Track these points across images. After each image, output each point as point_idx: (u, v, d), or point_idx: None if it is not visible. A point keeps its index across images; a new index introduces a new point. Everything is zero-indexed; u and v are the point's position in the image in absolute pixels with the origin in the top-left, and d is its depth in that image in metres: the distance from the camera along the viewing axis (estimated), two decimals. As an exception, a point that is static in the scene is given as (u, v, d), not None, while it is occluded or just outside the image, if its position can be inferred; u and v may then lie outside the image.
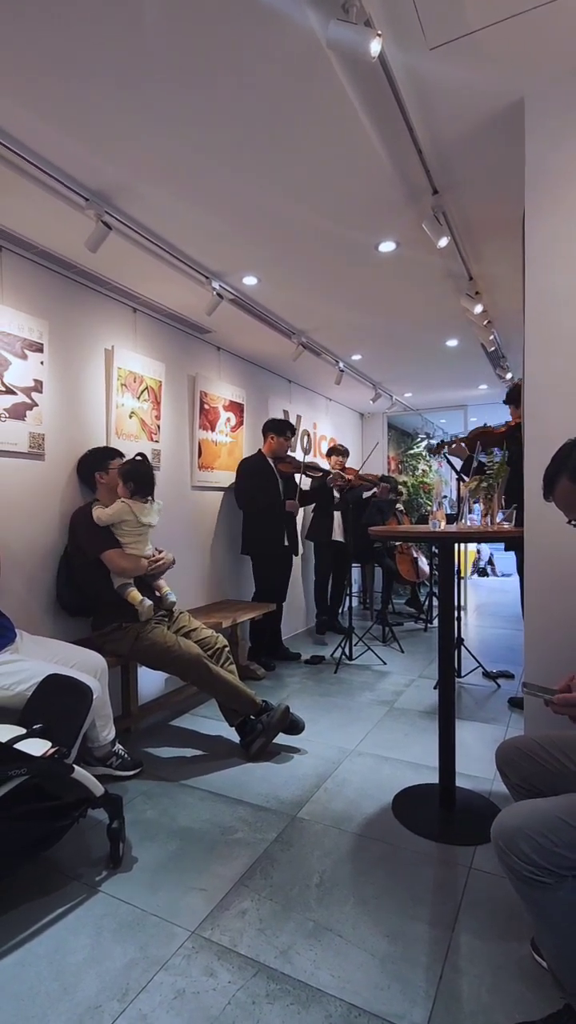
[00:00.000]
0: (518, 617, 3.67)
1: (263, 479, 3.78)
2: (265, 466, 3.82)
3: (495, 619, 5.52)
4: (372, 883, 1.64)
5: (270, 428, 3.87)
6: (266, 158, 1.89)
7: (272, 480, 3.81)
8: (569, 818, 1.03)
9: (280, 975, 1.32)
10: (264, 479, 3.78)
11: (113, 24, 1.37)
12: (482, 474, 2.06)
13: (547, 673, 1.64)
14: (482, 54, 1.49)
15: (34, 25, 1.37)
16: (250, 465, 3.82)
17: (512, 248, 2.46)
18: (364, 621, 5.18)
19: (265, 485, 3.78)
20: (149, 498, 2.56)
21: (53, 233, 2.32)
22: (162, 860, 1.75)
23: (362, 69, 1.50)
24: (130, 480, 2.50)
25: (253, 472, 3.78)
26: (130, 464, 2.55)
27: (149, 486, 2.54)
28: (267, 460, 3.84)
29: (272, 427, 3.86)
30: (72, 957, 1.38)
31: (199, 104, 1.64)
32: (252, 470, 3.79)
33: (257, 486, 3.76)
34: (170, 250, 2.50)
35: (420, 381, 5.24)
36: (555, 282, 1.64)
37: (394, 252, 2.55)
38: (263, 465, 3.82)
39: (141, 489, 2.52)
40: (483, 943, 1.41)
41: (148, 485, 2.54)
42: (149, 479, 2.54)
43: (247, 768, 2.35)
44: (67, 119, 1.69)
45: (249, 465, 3.82)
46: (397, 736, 2.66)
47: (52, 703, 1.77)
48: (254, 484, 3.76)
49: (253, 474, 3.78)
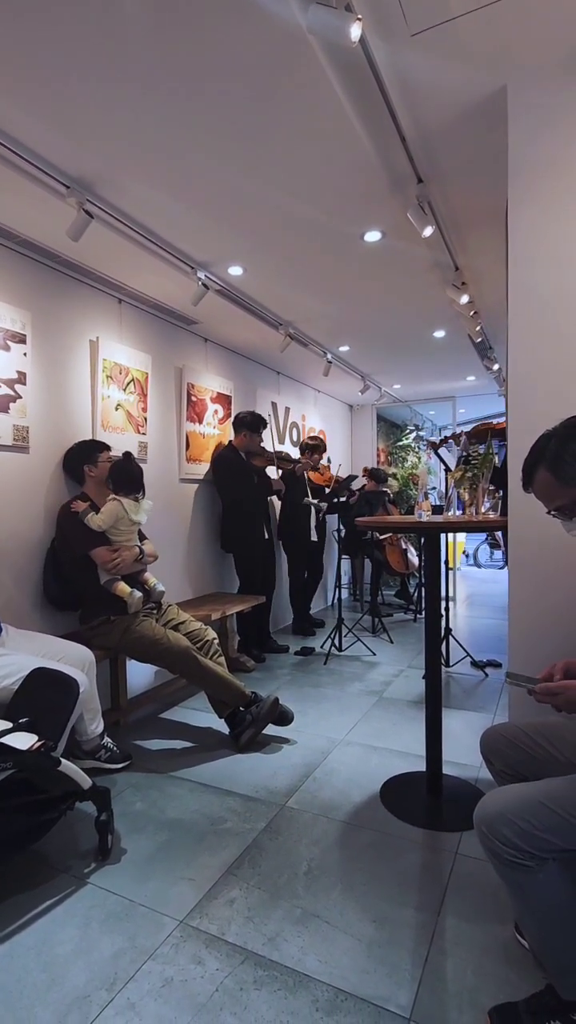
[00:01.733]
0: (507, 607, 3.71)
1: (237, 473, 3.69)
2: (238, 459, 3.72)
3: (484, 609, 5.57)
4: (359, 870, 1.66)
5: (245, 425, 3.72)
6: (249, 146, 1.87)
7: (247, 475, 3.73)
8: (550, 802, 1.04)
9: (268, 962, 1.33)
10: (238, 473, 3.69)
11: (92, 11, 1.34)
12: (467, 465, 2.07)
13: (531, 661, 1.65)
14: (464, 41, 1.47)
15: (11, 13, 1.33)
16: (223, 460, 3.71)
17: (497, 238, 2.46)
18: (354, 613, 5.21)
19: (240, 481, 3.69)
20: (139, 496, 2.56)
21: (34, 222, 2.28)
22: (151, 851, 1.75)
23: (345, 56, 1.48)
24: (115, 479, 2.51)
25: (227, 467, 3.69)
26: (115, 463, 2.55)
27: (136, 483, 2.54)
28: (239, 454, 3.75)
29: (247, 424, 3.72)
30: (60, 948, 1.38)
31: (180, 92, 1.61)
32: (226, 465, 3.69)
33: (231, 480, 3.67)
34: (154, 239, 2.47)
35: (408, 372, 5.24)
36: (537, 272, 1.64)
37: (380, 242, 2.54)
38: (235, 459, 3.71)
39: (127, 487, 2.51)
40: (468, 926, 1.44)
41: (134, 482, 2.53)
42: (135, 476, 2.54)
43: (236, 759, 2.36)
44: (46, 105, 1.66)
45: (223, 460, 3.71)
46: (386, 725, 2.68)
47: (38, 697, 1.76)
48: (228, 478, 3.67)
49: (227, 469, 3.68)
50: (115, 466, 2.54)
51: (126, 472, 2.52)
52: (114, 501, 2.49)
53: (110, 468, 2.54)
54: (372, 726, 2.68)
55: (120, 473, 2.51)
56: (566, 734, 1.30)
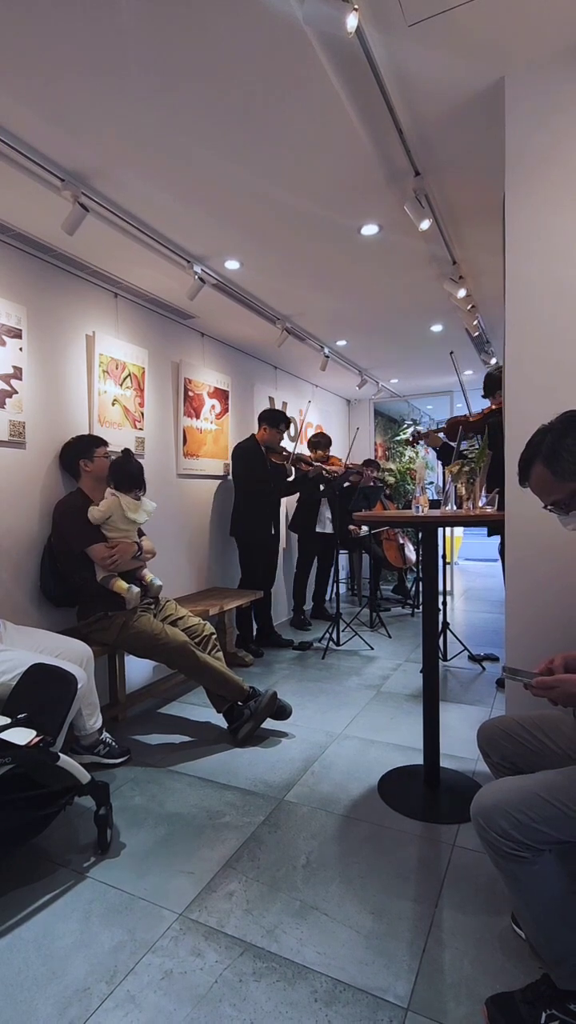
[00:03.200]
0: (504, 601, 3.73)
1: (254, 465, 3.76)
2: (257, 452, 3.79)
3: (482, 603, 5.58)
4: (358, 862, 1.67)
5: (265, 418, 3.82)
6: (245, 139, 1.85)
7: (263, 466, 3.79)
8: (546, 794, 1.05)
9: (267, 953, 1.34)
10: (255, 464, 3.77)
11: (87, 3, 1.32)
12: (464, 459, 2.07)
13: (528, 656, 1.66)
14: (462, 32, 1.46)
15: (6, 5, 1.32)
16: (243, 449, 3.80)
17: (494, 232, 2.45)
18: (352, 607, 5.22)
19: (255, 470, 3.76)
20: (140, 495, 2.55)
21: (28, 215, 2.26)
22: (150, 845, 1.76)
23: (341, 47, 1.47)
24: (114, 476, 2.51)
25: (245, 456, 3.77)
26: (114, 460, 2.55)
27: (134, 480, 2.53)
28: (260, 447, 3.82)
29: (267, 418, 3.82)
30: (60, 942, 1.39)
31: (175, 84, 1.60)
32: (244, 454, 3.78)
33: (248, 470, 3.75)
34: (150, 233, 2.46)
35: (406, 367, 5.23)
36: (535, 265, 1.64)
37: (377, 235, 2.53)
38: (255, 451, 3.79)
39: (126, 483, 2.51)
40: (465, 917, 1.45)
41: (133, 479, 2.52)
42: (133, 474, 2.53)
43: (235, 753, 2.37)
44: (40, 98, 1.64)
45: (242, 449, 3.80)
46: (383, 719, 2.70)
47: (37, 692, 1.76)
48: (246, 467, 3.75)
49: (245, 458, 3.76)
50: (114, 463, 2.53)
51: (124, 470, 2.52)
52: (113, 496, 2.49)
53: (110, 465, 2.53)
54: (370, 720, 2.69)
55: (118, 470, 2.51)
56: (562, 727, 1.31)
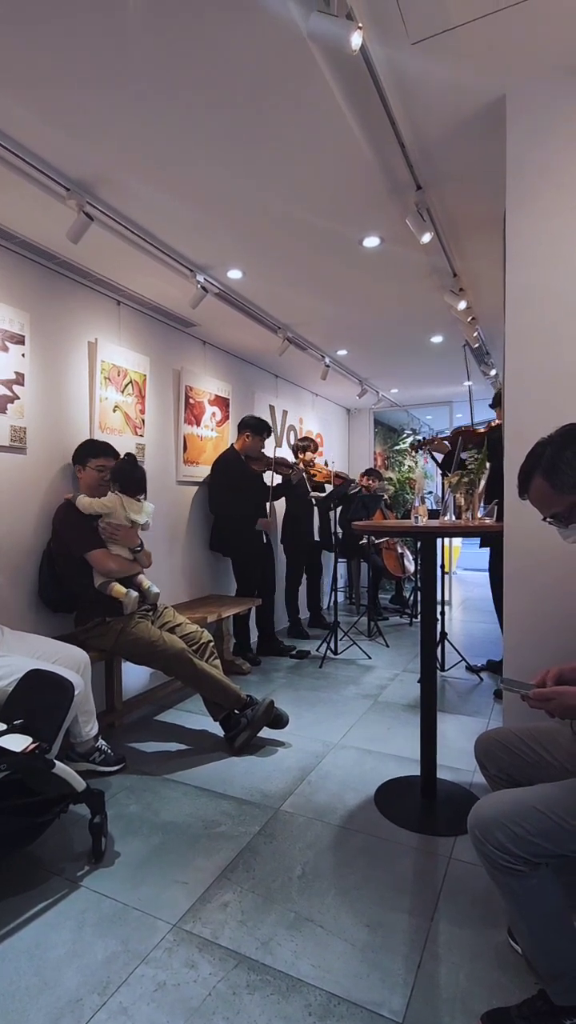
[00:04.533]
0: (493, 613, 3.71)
1: (240, 479, 3.70)
2: (238, 462, 3.73)
3: (480, 613, 5.57)
4: (353, 874, 1.65)
5: (250, 425, 3.74)
6: (249, 151, 1.88)
7: (249, 479, 3.75)
8: (543, 807, 1.05)
9: (261, 966, 1.33)
10: (241, 479, 3.71)
11: (94, 12, 1.34)
12: (464, 470, 2.08)
13: (526, 667, 1.66)
14: (464, 50, 1.49)
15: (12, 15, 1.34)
16: (226, 463, 3.72)
17: (494, 244, 2.47)
18: (350, 616, 5.21)
19: (241, 485, 3.70)
20: (141, 497, 2.58)
21: (33, 223, 2.29)
22: (145, 854, 1.75)
23: (345, 62, 1.49)
24: (115, 480, 2.55)
25: (229, 471, 3.69)
26: (118, 463, 2.58)
27: (134, 484, 2.56)
28: (240, 456, 3.76)
29: (252, 425, 3.74)
30: (53, 952, 1.37)
31: (181, 96, 1.62)
32: (226, 466, 3.71)
33: (233, 486, 3.67)
34: (153, 242, 2.48)
35: (406, 377, 5.26)
36: (535, 278, 1.65)
37: (378, 247, 2.55)
38: (236, 461, 3.73)
39: (130, 488, 2.55)
40: (461, 931, 1.44)
41: (133, 483, 2.55)
42: (132, 477, 2.56)
43: (231, 762, 2.36)
44: (48, 108, 1.66)
45: (225, 463, 3.72)
46: (381, 729, 2.69)
47: (33, 699, 1.76)
48: (231, 484, 3.67)
49: (229, 473, 3.69)
50: (120, 468, 2.57)
51: (130, 475, 2.56)
52: (115, 495, 2.52)
53: (115, 468, 2.56)
54: (367, 730, 2.68)
55: (124, 475, 2.55)
56: (560, 739, 1.31)
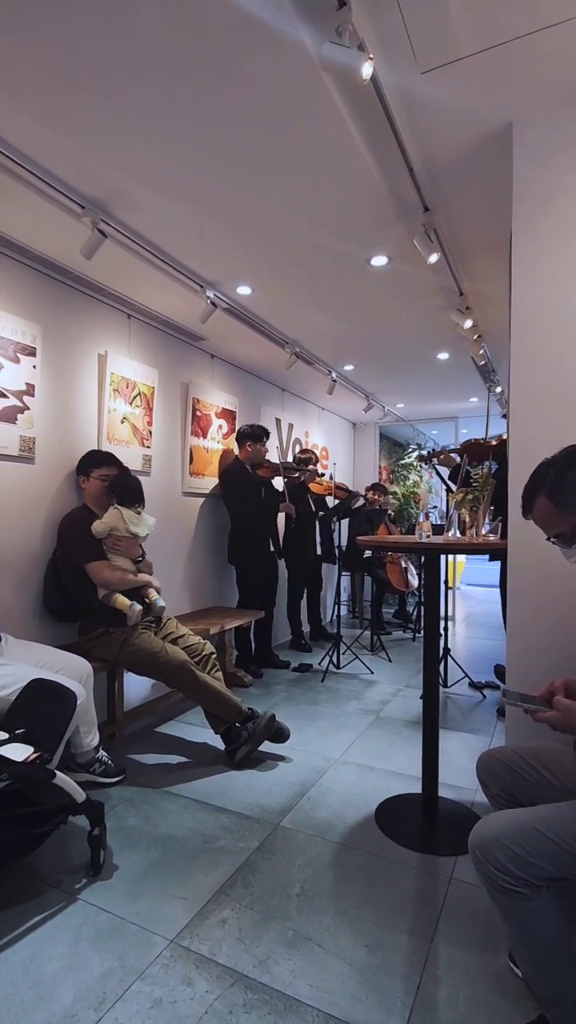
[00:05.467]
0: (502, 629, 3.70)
1: (246, 487, 3.77)
2: (244, 472, 3.79)
3: (483, 629, 5.54)
4: (353, 893, 1.64)
5: (248, 435, 3.81)
6: (261, 171, 1.92)
7: (254, 487, 3.80)
8: (545, 829, 1.04)
9: (258, 985, 1.32)
10: (247, 487, 3.77)
11: (113, 36, 1.39)
12: (469, 486, 2.09)
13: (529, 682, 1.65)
14: (472, 79, 1.52)
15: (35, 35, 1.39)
16: (230, 474, 3.79)
17: (500, 265, 2.50)
18: (352, 630, 5.19)
19: (248, 493, 3.76)
20: (140, 509, 2.60)
21: (49, 239, 2.34)
22: (143, 868, 1.74)
23: (356, 90, 1.53)
24: (112, 493, 2.59)
25: (235, 481, 3.77)
26: (113, 477, 2.62)
27: (130, 494, 2.59)
28: (245, 467, 3.82)
29: (249, 435, 3.81)
30: (49, 965, 1.37)
31: (196, 116, 1.67)
32: (232, 478, 3.78)
33: (240, 494, 3.75)
34: (165, 258, 2.52)
35: (412, 393, 5.29)
36: (540, 298, 1.68)
37: (386, 266, 2.59)
38: (243, 473, 3.79)
39: (126, 499, 2.58)
40: (461, 953, 1.42)
41: (128, 494, 2.59)
42: (127, 488, 2.60)
43: (231, 776, 2.35)
44: (65, 128, 1.71)
45: (229, 474, 3.79)
46: (382, 745, 2.67)
47: (36, 708, 1.76)
48: (237, 492, 3.75)
49: (236, 483, 3.77)
50: (114, 480, 2.61)
51: (125, 484, 2.60)
52: (114, 510, 2.54)
53: (110, 482, 2.59)
54: (368, 745, 2.67)
55: (119, 486, 2.60)
56: (562, 759, 1.30)
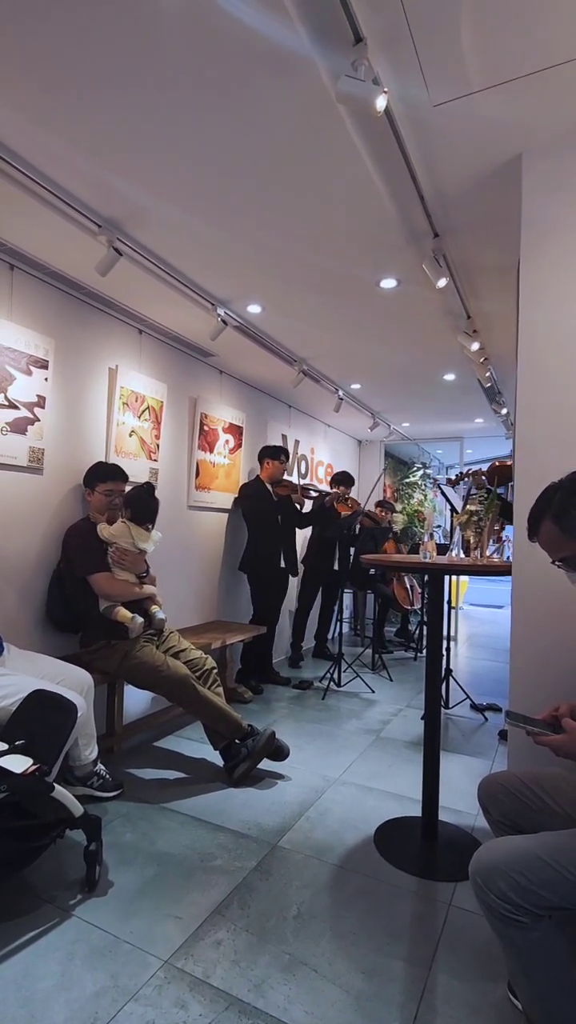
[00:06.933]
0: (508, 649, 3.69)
1: (261, 504, 3.88)
2: (263, 492, 3.92)
3: (486, 651, 5.50)
4: (350, 917, 1.62)
5: (266, 454, 3.98)
6: (275, 196, 1.97)
7: (270, 505, 3.90)
8: (547, 856, 1.03)
9: (252, 1009, 1.30)
10: (262, 504, 3.88)
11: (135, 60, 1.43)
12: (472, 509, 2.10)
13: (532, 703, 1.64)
14: (483, 113, 1.57)
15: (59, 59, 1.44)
16: (249, 489, 3.94)
17: (508, 290, 2.54)
18: (354, 648, 5.16)
19: (263, 510, 3.88)
20: (149, 526, 2.61)
21: (65, 255, 2.39)
22: (138, 885, 1.72)
23: (370, 122, 1.57)
24: (129, 506, 2.57)
25: (252, 496, 3.90)
26: (135, 490, 2.61)
27: (146, 514, 2.59)
28: (265, 486, 3.94)
29: (268, 453, 3.98)
30: (41, 983, 1.35)
31: (212, 141, 1.71)
32: (251, 494, 3.91)
33: (255, 510, 3.87)
34: (178, 276, 2.57)
35: (418, 412, 5.32)
36: (546, 323, 1.70)
37: (395, 289, 2.63)
38: (261, 491, 3.92)
39: (140, 517, 2.57)
40: (460, 983, 1.39)
41: (145, 513, 2.59)
42: (147, 508, 2.59)
43: (230, 793, 2.33)
44: (85, 148, 1.76)
45: (248, 489, 3.95)
46: (382, 766, 2.64)
47: (36, 719, 1.76)
48: (253, 508, 3.87)
49: (252, 498, 3.89)
50: (137, 496, 2.59)
51: (147, 506, 2.60)
52: (123, 523, 2.54)
53: (131, 495, 2.59)
54: (368, 766, 2.64)
55: (139, 504, 2.58)
56: (565, 787, 1.29)
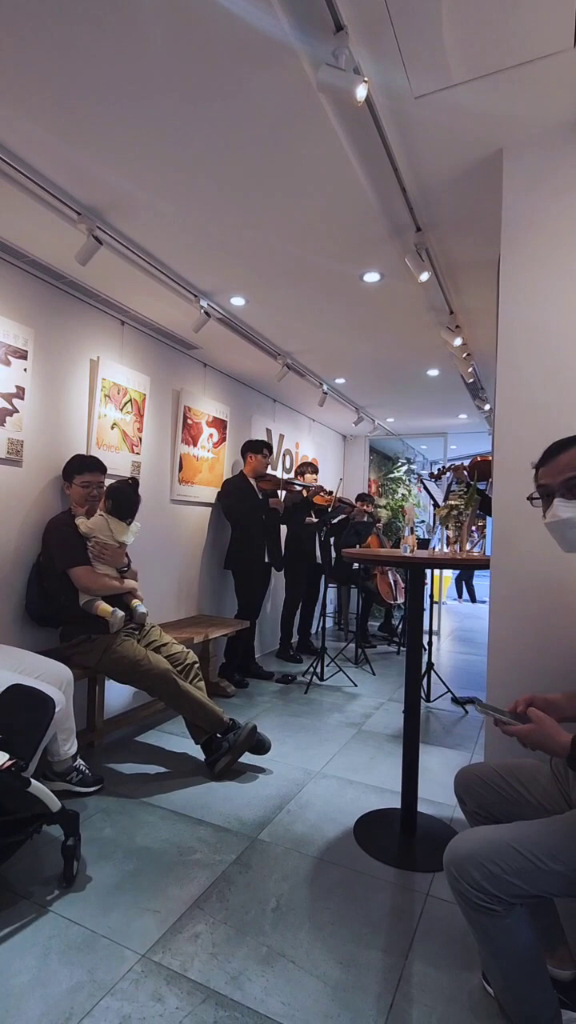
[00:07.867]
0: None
1: (245, 499, 3.85)
2: (246, 487, 3.89)
3: (468, 645, 5.56)
4: (328, 908, 1.63)
5: (249, 448, 3.96)
6: (257, 185, 1.94)
7: (254, 500, 3.88)
8: (519, 846, 1.04)
9: (229, 1001, 1.30)
10: (246, 499, 3.86)
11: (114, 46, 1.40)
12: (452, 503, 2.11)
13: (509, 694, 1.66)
14: (465, 106, 1.56)
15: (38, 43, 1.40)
16: (232, 485, 3.91)
17: (489, 285, 2.55)
18: (337, 642, 5.18)
19: (246, 505, 3.85)
20: (128, 522, 2.59)
21: (43, 244, 2.34)
22: (117, 880, 1.71)
23: (351, 112, 1.56)
24: (110, 498, 2.55)
25: (234, 492, 3.87)
26: (119, 483, 2.60)
27: (127, 509, 2.58)
28: (248, 481, 3.91)
29: (251, 447, 3.95)
30: (16, 979, 1.34)
31: (193, 129, 1.69)
32: (233, 490, 3.88)
33: (238, 508, 3.84)
34: (160, 267, 2.54)
35: (402, 407, 5.34)
36: (525, 318, 1.71)
37: (378, 283, 2.63)
38: (244, 485, 3.89)
39: (120, 512, 2.55)
40: (436, 972, 1.41)
41: (126, 508, 2.57)
42: (128, 503, 2.58)
43: (210, 787, 2.32)
44: (65, 134, 1.72)
45: (231, 485, 3.92)
46: (363, 759, 2.66)
47: (12, 714, 1.74)
48: (236, 504, 3.84)
49: (235, 494, 3.86)
50: (118, 490, 2.57)
51: (129, 500, 2.58)
52: (101, 516, 2.51)
53: (113, 489, 2.57)
54: (349, 759, 2.66)
55: (121, 499, 2.56)
56: (539, 777, 1.31)
